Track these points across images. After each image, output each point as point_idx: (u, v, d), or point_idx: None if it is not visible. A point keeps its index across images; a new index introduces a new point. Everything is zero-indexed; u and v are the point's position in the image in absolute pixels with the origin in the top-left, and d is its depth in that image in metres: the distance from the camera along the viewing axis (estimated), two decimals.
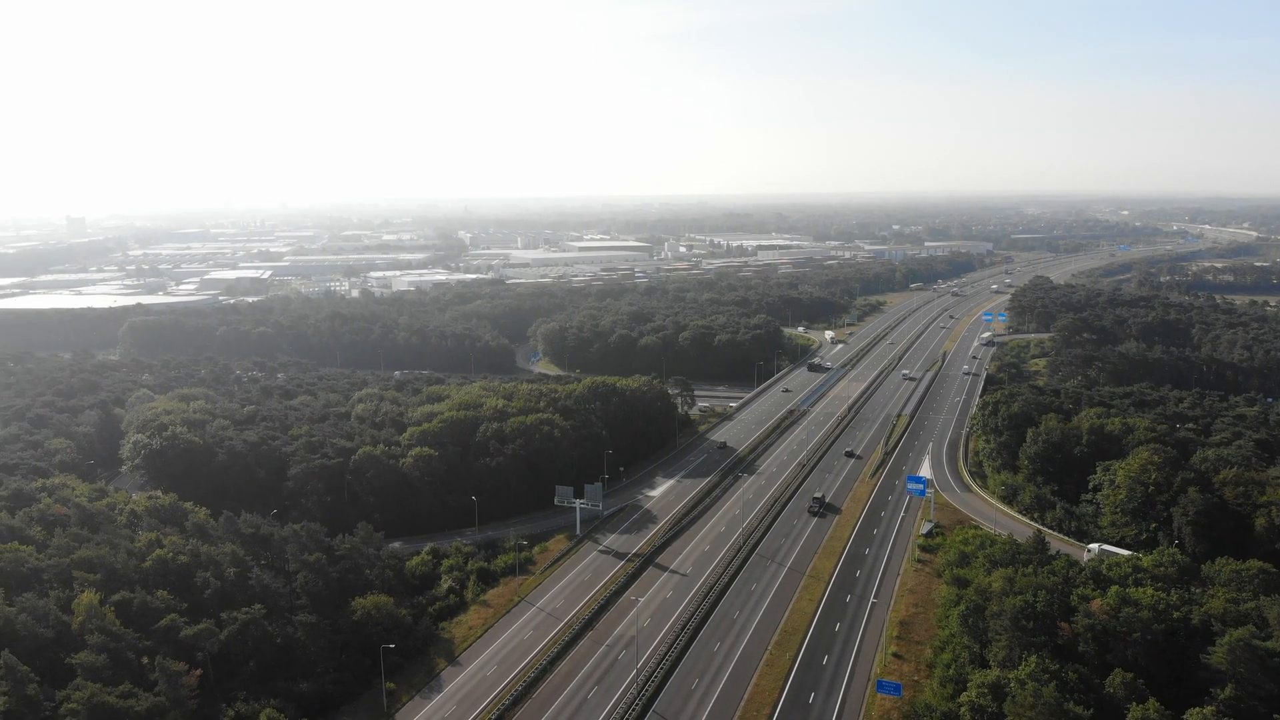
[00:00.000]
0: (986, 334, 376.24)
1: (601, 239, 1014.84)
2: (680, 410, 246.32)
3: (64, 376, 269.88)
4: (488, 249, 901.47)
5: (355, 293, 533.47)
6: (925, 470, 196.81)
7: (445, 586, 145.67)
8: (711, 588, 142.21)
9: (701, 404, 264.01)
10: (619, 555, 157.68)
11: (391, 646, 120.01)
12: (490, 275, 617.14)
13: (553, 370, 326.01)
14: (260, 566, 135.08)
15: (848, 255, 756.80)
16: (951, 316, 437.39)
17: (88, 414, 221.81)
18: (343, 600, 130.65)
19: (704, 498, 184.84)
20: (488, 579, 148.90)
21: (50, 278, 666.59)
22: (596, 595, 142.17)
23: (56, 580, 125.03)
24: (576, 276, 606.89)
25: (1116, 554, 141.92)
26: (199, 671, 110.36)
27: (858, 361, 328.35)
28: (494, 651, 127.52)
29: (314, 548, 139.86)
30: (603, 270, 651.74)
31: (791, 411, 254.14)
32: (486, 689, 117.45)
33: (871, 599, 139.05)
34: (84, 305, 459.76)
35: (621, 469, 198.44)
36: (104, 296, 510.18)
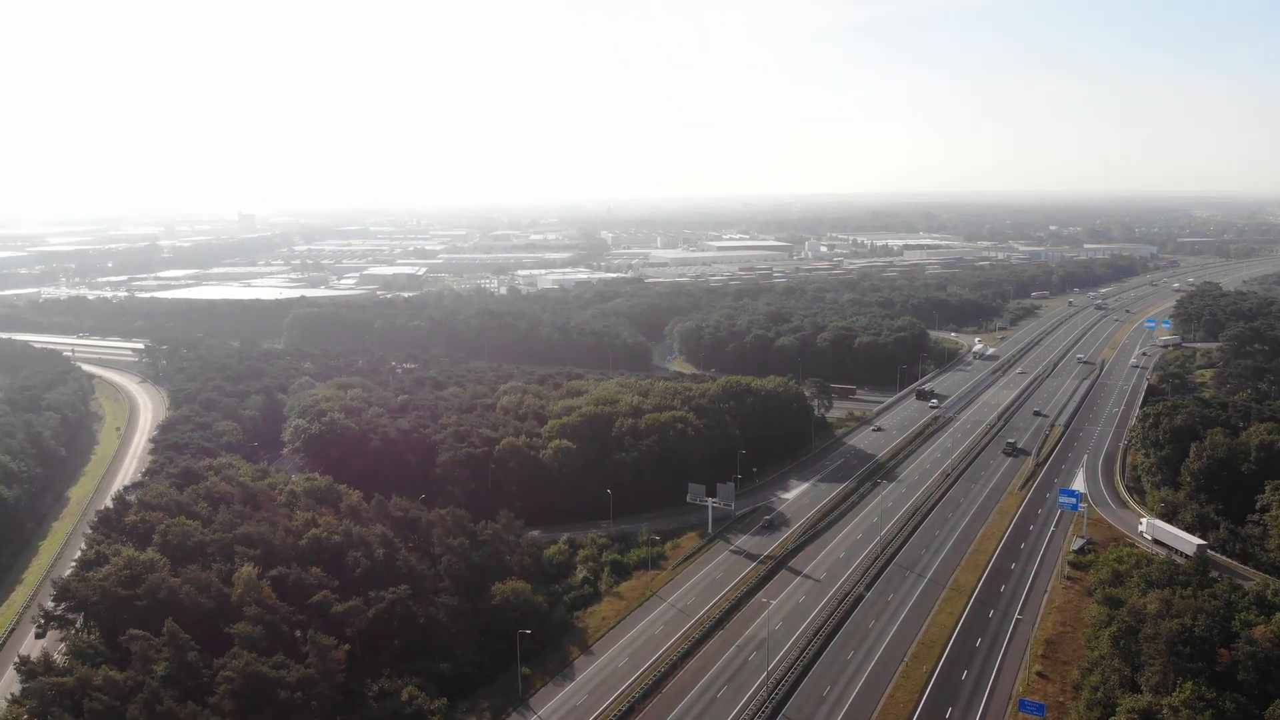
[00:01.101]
0: (1151, 343, 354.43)
1: (740, 238, 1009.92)
2: (817, 413, 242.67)
3: (232, 363, 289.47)
4: (628, 248, 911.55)
5: (503, 290, 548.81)
6: (1079, 484, 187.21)
7: (580, 576, 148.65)
8: (846, 595, 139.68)
9: (840, 407, 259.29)
10: (751, 556, 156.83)
11: (528, 632, 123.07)
12: (630, 274, 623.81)
13: (688, 369, 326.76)
14: (407, 548, 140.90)
15: (1000, 256, 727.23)
16: (1115, 320, 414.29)
17: (253, 399, 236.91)
18: (483, 585, 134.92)
19: (840, 503, 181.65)
20: (621, 571, 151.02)
21: (222, 270, 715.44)
22: (728, 595, 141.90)
23: (219, 554, 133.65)
24: (714, 276, 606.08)
25: (1167, 529, 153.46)
26: (347, 646, 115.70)
27: (1009, 368, 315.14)
28: (626, 643, 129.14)
29: (458, 532, 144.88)
30: (740, 270, 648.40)
31: (936, 418, 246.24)
32: (618, 680, 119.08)
33: (1016, 615, 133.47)
34: (252, 297, 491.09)
35: (754, 470, 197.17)
36: (271, 289, 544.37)
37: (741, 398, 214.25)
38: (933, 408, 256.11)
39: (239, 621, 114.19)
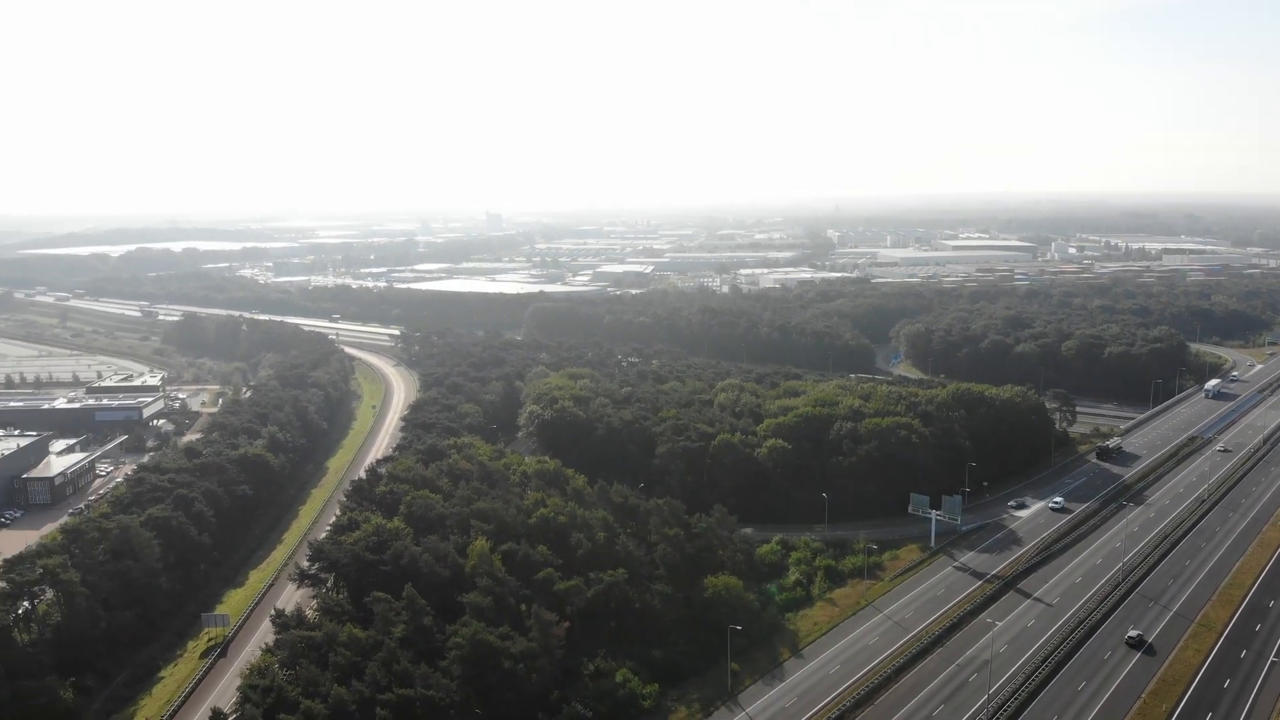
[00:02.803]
0: None
1: (979, 238, 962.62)
2: (1058, 427, 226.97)
3: (477, 351, 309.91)
4: (855, 247, 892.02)
5: (725, 289, 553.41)
6: None
7: (793, 578, 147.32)
8: (1080, 623, 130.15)
9: (1084, 421, 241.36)
10: (976, 574, 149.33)
11: (739, 628, 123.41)
12: (855, 274, 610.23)
13: (914, 373, 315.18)
14: (626, 534, 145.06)
15: (1273, 265, 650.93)
16: None
17: (494, 385, 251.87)
18: (696, 576, 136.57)
19: (1079, 525, 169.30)
20: (834, 578, 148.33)
21: (470, 265, 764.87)
22: (949, 612, 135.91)
23: (457, 527, 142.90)
24: (948, 277, 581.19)
25: None
26: (567, 624, 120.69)
27: (1278, 387, 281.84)
28: (838, 651, 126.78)
29: (674, 523, 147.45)
30: (978, 270, 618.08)
31: (1193, 438, 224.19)
32: (828, 687, 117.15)
33: (1271, 658, 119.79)
34: (496, 291, 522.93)
35: (985, 484, 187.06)
36: (513, 284, 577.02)
37: (973, 406, 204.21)
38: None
39: (471, 591, 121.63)
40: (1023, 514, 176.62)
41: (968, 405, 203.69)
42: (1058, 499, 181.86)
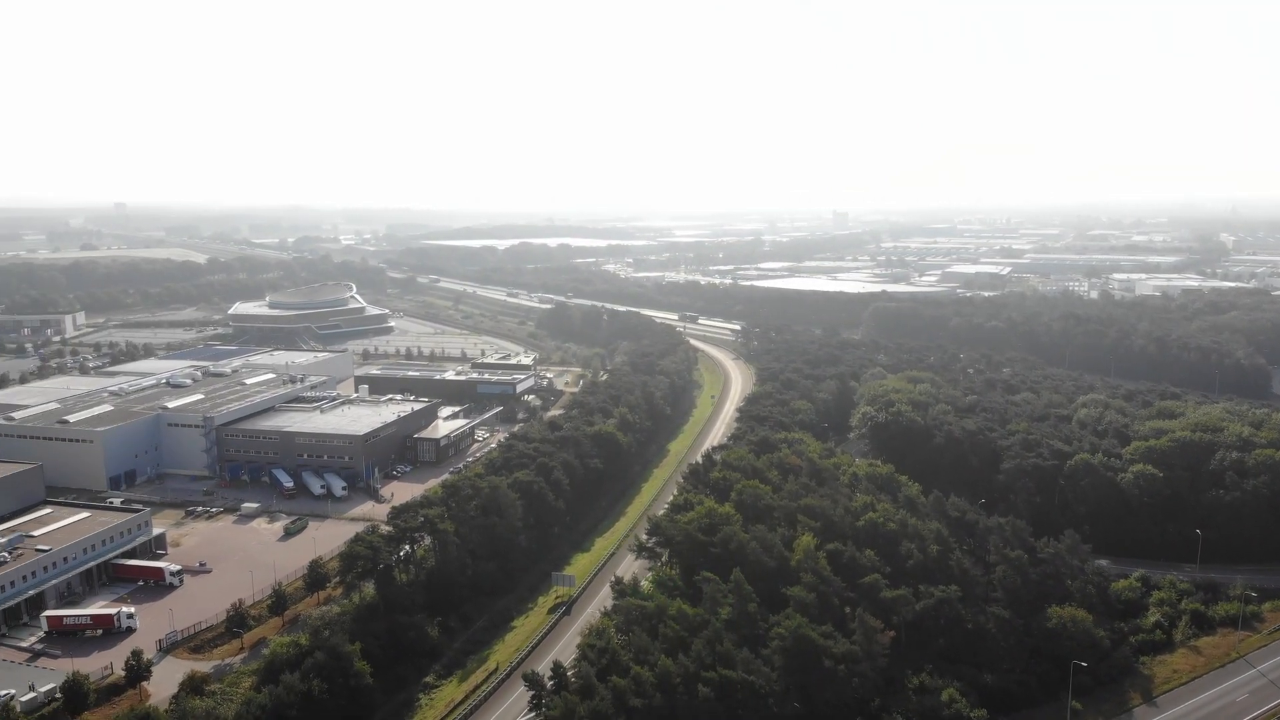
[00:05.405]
0: None
1: None
2: None
3: (812, 349, 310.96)
4: (1254, 254, 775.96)
5: (1094, 294, 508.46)
6: None
7: (1152, 620, 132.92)
8: None
9: None
10: None
11: (1084, 665, 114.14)
12: (1252, 284, 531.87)
13: None
14: (961, 550, 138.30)
15: None
16: None
17: (827, 383, 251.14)
18: (1038, 604, 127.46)
19: None
20: (1202, 624, 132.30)
21: (813, 264, 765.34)
22: None
23: (784, 520, 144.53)
24: None
25: None
26: (892, 633, 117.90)
27: None
28: (1199, 704, 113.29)
29: (1016, 545, 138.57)
30: None
31: None
32: None
33: None
34: (836, 289, 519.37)
35: None
36: (854, 283, 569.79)
37: None
38: None
39: (795, 585, 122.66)
40: None
41: None
42: None
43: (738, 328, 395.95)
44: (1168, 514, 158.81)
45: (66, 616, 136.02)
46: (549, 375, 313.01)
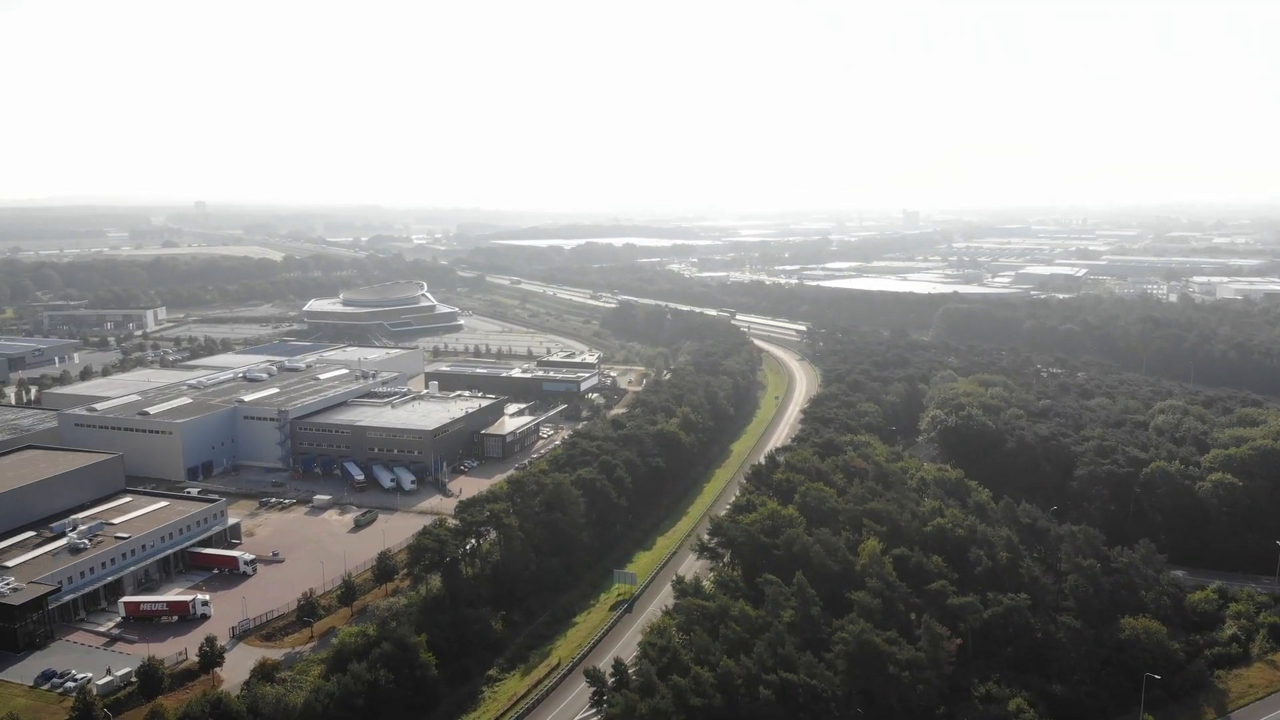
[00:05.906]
0: None
1: None
2: None
3: (880, 350, 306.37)
4: None
5: (1173, 297, 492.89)
6: None
7: (1229, 633, 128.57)
8: None
9: None
10: None
11: (1157, 677, 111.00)
12: None
13: None
14: (1032, 558, 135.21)
15: None
16: None
17: (895, 385, 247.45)
18: (1110, 615, 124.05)
19: None
20: None
21: (881, 264, 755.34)
22: None
23: (848, 523, 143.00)
24: None
25: None
26: (959, 641, 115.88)
27: None
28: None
29: (1089, 553, 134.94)
30: None
31: None
32: None
33: None
34: (906, 290, 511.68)
35: None
36: (924, 283, 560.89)
37: None
38: None
39: (859, 590, 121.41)
40: None
41: None
42: None
43: (803, 328, 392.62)
44: (1247, 524, 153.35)
45: (144, 603, 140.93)
46: (613, 374, 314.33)
